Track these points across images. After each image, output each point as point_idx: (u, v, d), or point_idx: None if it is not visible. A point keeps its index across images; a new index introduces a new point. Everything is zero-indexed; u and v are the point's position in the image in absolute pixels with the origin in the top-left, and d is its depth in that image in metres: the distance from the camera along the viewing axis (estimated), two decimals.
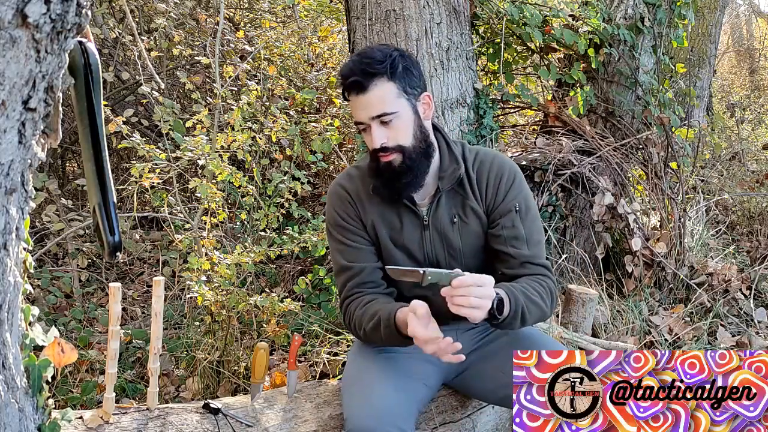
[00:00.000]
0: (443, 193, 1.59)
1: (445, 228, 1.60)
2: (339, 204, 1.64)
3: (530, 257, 1.56)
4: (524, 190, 1.61)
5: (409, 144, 1.51)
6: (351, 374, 1.61)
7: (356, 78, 1.46)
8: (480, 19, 3.13)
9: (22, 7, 0.80)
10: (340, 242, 1.63)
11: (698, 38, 5.42)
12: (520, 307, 1.43)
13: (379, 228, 1.61)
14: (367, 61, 1.47)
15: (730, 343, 2.77)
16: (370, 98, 1.47)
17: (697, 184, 4.69)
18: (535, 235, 1.58)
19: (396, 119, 1.49)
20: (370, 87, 1.47)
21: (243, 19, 4.59)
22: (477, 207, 1.59)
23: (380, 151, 1.50)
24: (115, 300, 1.48)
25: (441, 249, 1.61)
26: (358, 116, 1.50)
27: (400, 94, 1.50)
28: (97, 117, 1.10)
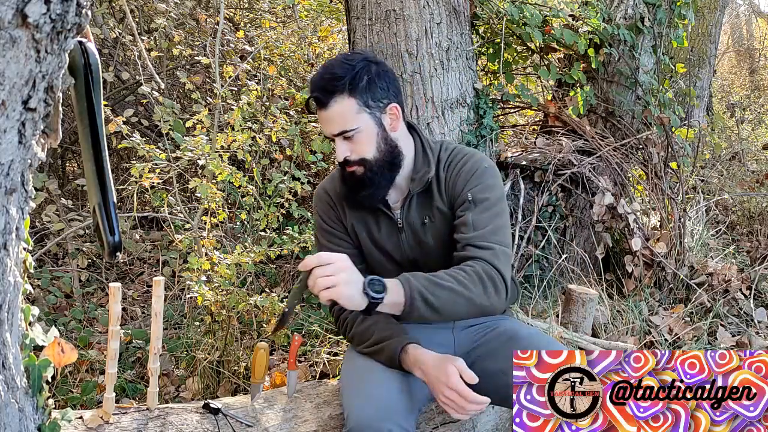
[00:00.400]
0: (414, 196, 1.61)
1: (418, 229, 1.62)
2: (322, 207, 1.68)
3: (470, 239, 1.52)
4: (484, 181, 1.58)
5: (371, 157, 1.53)
6: (350, 372, 1.62)
7: (316, 94, 1.48)
8: (480, 19, 3.13)
9: (22, 7, 0.80)
10: (325, 246, 1.67)
11: (698, 38, 5.42)
12: (416, 291, 1.39)
13: (359, 231, 1.65)
14: (327, 77, 1.48)
15: (730, 343, 2.77)
16: (330, 115, 1.49)
17: (697, 184, 4.69)
18: (483, 221, 1.54)
19: (357, 134, 1.51)
20: (330, 104, 1.48)
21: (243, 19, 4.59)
22: (443, 207, 1.61)
23: (343, 163, 1.54)
24: (115, 300, 1.48)
25: (417, 249, 1.64)
26: (323, 130, 1.53)
27: (361, 109, 1.50)
28: (97, 117, 1.10)
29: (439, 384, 1.41)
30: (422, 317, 1.43)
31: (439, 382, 1.41)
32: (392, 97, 1.55)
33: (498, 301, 1.47)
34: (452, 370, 1.40)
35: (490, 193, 1.58)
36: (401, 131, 1.61)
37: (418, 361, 1.48)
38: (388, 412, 1.41)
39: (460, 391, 1.38)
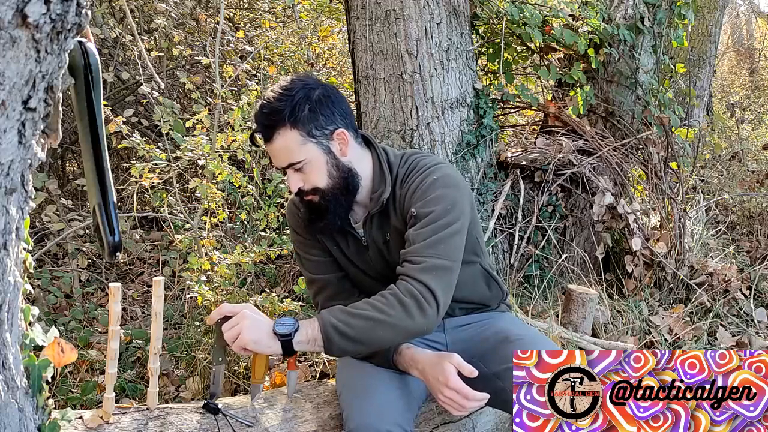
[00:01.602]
0: (374, 215, 1.58)
1: (381, 247, 1.60)
2: (295, 221, 1.67)
3: (405, 254, 1.48)
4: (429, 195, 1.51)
5: (324, 185, 1.50)
6: (347, 373, 1.61)
7: (259, 129, 1.47)
8: (480, 19, 3.13)
9: (22, 7, 0.80)
10: (303, 257, 1.67)
11: (698, 38, 5.42)
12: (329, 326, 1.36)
13: (330, 247, 1.64)
14: (266, 111, 1.45)
15: (730, 343, 2.77)
16: (275, 148, 1.47)
17: (697, 184, 4.69)
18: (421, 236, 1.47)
19: (305, 165, 1.47)
20: (274, 137, 1.45)
21: (243, 19, 4.59)
22: (398, 225, 1.56)
23: (298, 194, 1.52)
24: (115, 300, 1.48)
25: (384, 266, 1.61)
26: (275, 163, 1.51)
27: (306, 140, 1.46)
28: (97, 117, 1.10)
29: (438, 384, 1.41)
30: (344, 351, 1.39)
31: (437, 382, 1.41)
32: (339, 122, 1.50)
33: (425, 319, 1.39)
34: (450, 369, 1.40)
35: (435, 205, 1.50)
36: (353, 154, 1.54)
37: (414, 360, 1.48)
38: (387, 413, 1.41)
39: (459, 390, 1.39)
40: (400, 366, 1.51)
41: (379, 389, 1.48)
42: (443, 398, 1.41)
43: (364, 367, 1.57)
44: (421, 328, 1.39)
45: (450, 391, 1.39)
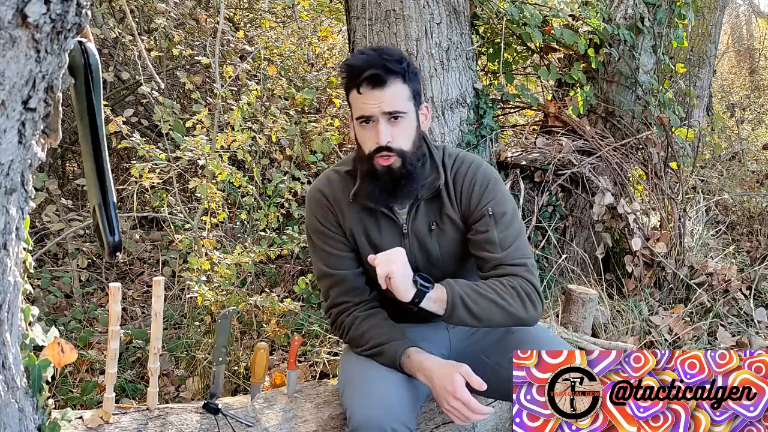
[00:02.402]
0: (422, 201, 1.58)
1: (423, 236, 1.60)
2: (318, 210, 1.62)
3: (501, 259, 1.54)
4: (498, 193, 1.59)
5: (408, 149, 1.50)
6: (350, 371, 1.61)
7: (376, 71, 1.44)
8: (480, 19, 3.13)
9: (22, 7, 0.80)
10: (320, 249, 1.63)
11: (698, 38, 5.42)
12: (458, 296, 1.45)
13: (358, 235, 1.60)
14: (387, 57, 1.46)
15: (730, 343, 2.77)
16: (386, 94, 1.45)
17: (697, 184, 4.69)
18: (509, 239, 1.56)
19: (403, 121, 1.48)
20: (389, 83, 1.45)
21: (243, 19, 4.59)
22: (453, 214, 1.59)
23: (384, 150, 1.47)
24: (115, 300, 1.48)
25: (420, 256, 1.61)
26: (368, 110, 1.46)
27: (410, 97, 1.49)
28: (97, 117, 1.10)
29: (445, 393, 1.40)
30: (461, 321, 1.47)
31: (444, 391, 1.40)
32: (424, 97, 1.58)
33: (535, 313, 1.52)
34: (459, 380, 1.39)
35: (507, 206, 1.58)
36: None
37: (422, 367, 1.47)
38: (391, 411, 1.41)
39: (466, 402, 1.38)
40: (406, 369, 1.50)
41: (383, 387, 1.47)
42: (448, 407, 1.40)
43: (367, 364, 1.56)
44: (529, 322, 1.53)
45: (456, 401, 1.38)
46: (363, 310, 1.60)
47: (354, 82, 1.47)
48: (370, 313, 1.60)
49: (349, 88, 1.50)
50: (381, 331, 1.55)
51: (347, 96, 1.54)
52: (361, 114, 1.48)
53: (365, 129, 1.49)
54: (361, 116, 1.48)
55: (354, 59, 1.49)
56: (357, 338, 1.58)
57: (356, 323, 1.58)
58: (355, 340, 1.59)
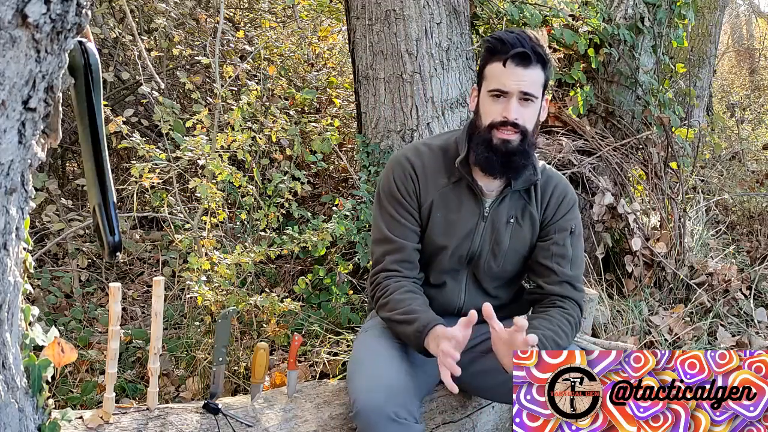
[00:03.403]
0: (510, 192, 1.62)
1: (500, 225, 1.63)
2: (401, 176, 1.63)
3: (571, 278, 1.62)
4: (579, 217, 1.68)
5: (530, 129, 1.55)
6: (360, 353, 1.63)
7: (526, 51, 1.48)
8: (480, 19, 3.13)
9: (22, 7, 0.80)
10: (389, 213, 1.63)
11: (698, 38, 5.42)
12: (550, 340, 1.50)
13: (437, 209, 1.62)
14: (536, 43, 1.51)
15: (730, 343, 2.77)
16: (529, 74, 1.50)
17: (697, 184, 4.69)
18: (579, 260, 1.65)
19: (533, 105, 1.53)
20: (533, 65, 1.50)
21: (243, 19, 4.59)
22: (535, 214, 1.64)
23: (510, 124, 1.51)
24: (115, 300, 1.48)
25: (488, 244, 1.64)
26: (507, 85, 1.50)
27: (542, 86, 1.54)
28: (97, 117, 1.10)
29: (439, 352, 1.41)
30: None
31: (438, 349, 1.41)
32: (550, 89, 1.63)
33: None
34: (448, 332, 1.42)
35: (581, 230, 1.67)
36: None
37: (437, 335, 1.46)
38: (395, 395, 1.42)
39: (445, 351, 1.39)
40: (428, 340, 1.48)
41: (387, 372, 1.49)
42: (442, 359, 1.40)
43: (376, 348, 1.58)
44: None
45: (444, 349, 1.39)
46: (410, 283, 1.61)
47: (500, 56, 1.51)
48: (415, 289, 1.61)
49: (491, 59, 1.54)
50: (419, 303, 1.56)
51: (484, 66, 1.56)
52: (498, 87, 1.52)
53: (495, 102, 1.53)
54: (498, 89, 1.52)
55: (505, 34, 1.52)
56: (395, 302, 1.57)
57: (402, 290, 1.58)
58: (392, 303, 1.57)
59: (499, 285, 1.71)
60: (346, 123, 3.86)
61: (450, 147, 1.64)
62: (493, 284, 1.70)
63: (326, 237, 2.61)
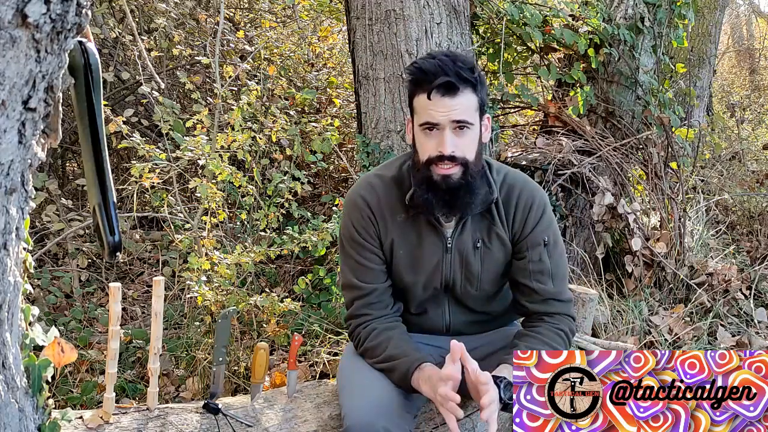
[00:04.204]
0: (470, 217, 1.53)
1: (468, 252, 1.55)
2: (358, 218, 1.55)
3: (554, 294, 1.54)
4: (553, 221, 1.57)
5: (471, 160, 1.45)
6: (349, 370, 1.60)
7: (449, 79, 1.39)
8: (480, 19, 3.13)
9: (22, 7, 0.80)
10: (353, 258, 1.56)
11: (698, 38, 5.41)
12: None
13: (399, 247, 1.55)
14: (461, 65, 1.41)
15: (730, 343, 2.77)
16: (457, 102, 1.40)
17: (697, 184, 4.69)
18: (561, 270, 1.56)
19: (469, 131, 1.43)
20: (460, 91, 1.40)
21: (243, 19, 4.59)
22: (503, 234, 1.55)
23: (446, 159, 1.42)
24: (115, 300, 1.48)
25: (459, 273, 1.57)
26: (435, 117, 1.41)
27: (477, 109, 1.45)
28: (97, 117, 1.10)
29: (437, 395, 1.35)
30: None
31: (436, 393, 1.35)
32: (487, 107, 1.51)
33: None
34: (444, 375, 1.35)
35: (558, 234, 1.57)
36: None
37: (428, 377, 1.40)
38: (384, 412, 1.40)
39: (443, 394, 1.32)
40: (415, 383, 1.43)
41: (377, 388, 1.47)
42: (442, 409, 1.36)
43: (364, 366, 1.56)
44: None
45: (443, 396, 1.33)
46: (382, 323, 1.56)
47: (424, 87, 1.42)
48: (388, 326, 1.55)
49: (416, 92, 1.45)
50: (395, 344, 1.50)
51: (411, 99, 1.48)
52: (427, 121, 1.43)
53: (428, 136, 1.44)
54: (427, 122, 1.43)
55: (427, 63, 1.42)
56: (371, 349, 1.53)
57: (372, 335, 1.54)
58: (369, 351, 1.54)
59: (483, 302, 1.64)
60: (346, 123, 3.86)
61: (403, 177, 1.54)
62: (477, 303, 1.64)
63: (326, 237, 2.61)
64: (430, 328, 1.67)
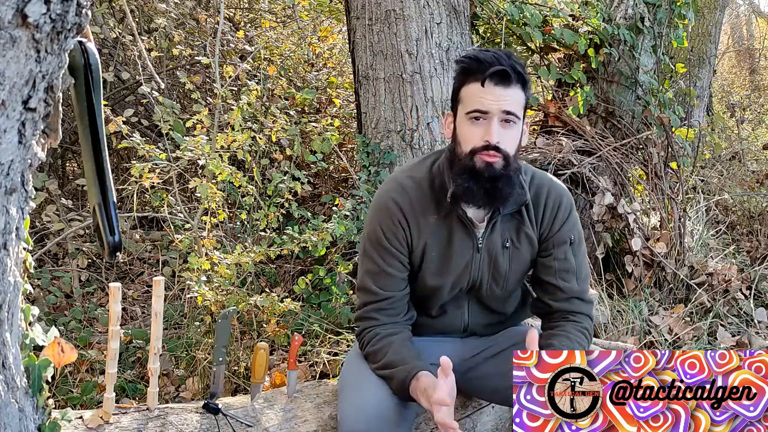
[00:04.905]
0: (500, 216, 1.53)
1: (497, 252, 1.55)
2: (388, 223, 1.51)
3: (579, 293, 1.56)
4: (578, 221, 1.59)
5: (512, 152, 1.46)
6: (349, 373, 1.60)
7: (505, 69, 1.40)
8: (480, 19, 3.13)
9: (22, 7, 0.80)
10: (375, 263, 1.53)
11: (698, 38, 5.41)
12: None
13: (431, 249, 1.53)
14: (515, 61, 1.44)
15: (730, 343, 2.77)
16: (509, 93, 1.42)
17: (697, 184, 4.69)
18: (584, 269, 1.58)
19: (514, 126, 1.45)
20: (513, 84, 1.42)
21: (243, 19, 4.59)
22: (531, 233, 1.55)
23: (492, 148, 1.42)
24: (115, 300, 1.48)
25: (487, 272, 1.57)
26: (486, 105, 1.41)
27: (523, 107, 1.47)
28: (97, 117, 1.10)
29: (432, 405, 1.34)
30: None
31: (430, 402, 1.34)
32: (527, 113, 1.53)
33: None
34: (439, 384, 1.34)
35: (581, 235, 1.59)
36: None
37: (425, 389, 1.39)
38: (380, 419, 1.40)
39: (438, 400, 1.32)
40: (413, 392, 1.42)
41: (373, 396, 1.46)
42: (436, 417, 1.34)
43: (362, 372, 1.55)
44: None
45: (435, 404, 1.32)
46: (386, 329, 1.54)
47: (478, 76, 1.42)
48: (391, 332, 1.53)
49: (467, 80, 1.45)
50: (395, 350, 1.49)
51: (459, 88, 1.48)
52: (477, 108, 1.42)
53: (474, 125, 1.44)
54: (477, 110, 1.42)
55: (481, 53, 1.44)
56: (372, 354, 1.52)
57: (374, 339, 1.53)
58: (370, 356, 1.54)
59: (503, 302, 1.66)
60: (346, 123, 3.85)
61: (435, 177, 1.53)
62: (498, 303, 1.65)
63: (326, 237, 2.61)
64: (447, 330, 1.67)
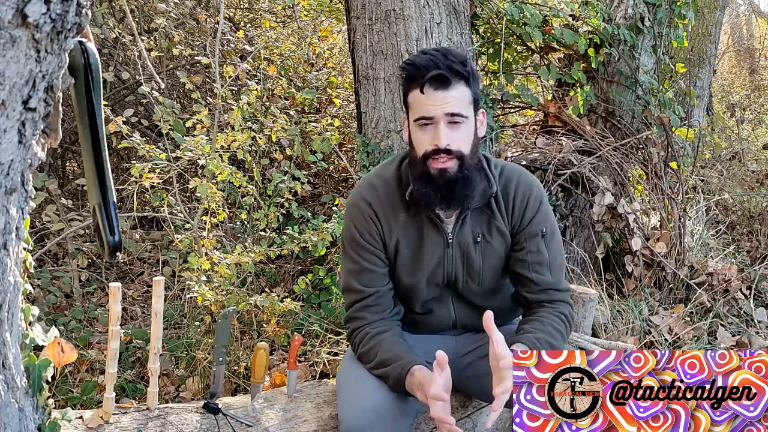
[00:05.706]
0: (469, 211, 1.54)
1: (468, 247, 1.56)
2: (360, 220, 1.55)
3: (553, 284, 1.56)
4: (550, 212, 1.59)
5: (467, 153, 1.46)
6: (347, 373, 1.60)
7: (442, 72, 1.41)
8: (480, 19, 3.13)
9: (22, 7, 0.80)
10: (355, 262, 1.56)
11: (698, 38, 5.41)
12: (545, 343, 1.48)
13: (403, 247, 1.55)
14: (452, 59, 1.43)
15: (730, 343, 2.77)
16: (450, 95, 1.42)
17: (697, 184, 4.69)
18: (558, 259, 1.58)
19: (464, 125, 1.45)
20: (453, 85, 1.42)
21: (243, 19, 4.59)
22: (503, 227, 1.56)
23: (442, 152, 1.43)
24: (115, 300, 1.48)
25: (461, 268, 1.58)
26: (430, 110, 1.42)
27: (471, 102, 1.47)
28: (97, 117, 1.10)
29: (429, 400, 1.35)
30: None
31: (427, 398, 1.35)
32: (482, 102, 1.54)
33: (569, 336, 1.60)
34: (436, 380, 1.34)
35: (555, 225, 1.59)
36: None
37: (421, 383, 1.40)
38: (380, 417, 1.40)
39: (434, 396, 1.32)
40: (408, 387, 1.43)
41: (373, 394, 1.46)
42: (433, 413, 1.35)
43: (361, 370, 1.55)
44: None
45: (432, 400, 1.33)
46: (375, 327, 1.55)
47: (417, 82, 1.43)
48: (381, 329, 1.55)
49: (410, 87, 1.46)
50: (386, 347, 1.50)
51: (405, 96, 1.49)
52: (421, 115, 1.44)
53: (423, 130, 1.45)
54: (422, 117, 1.44)
55: (418, 58, 1.45)
56: (365, 354, 1.54)
57: (365, 339, 1.54)
58: (363, 357, 1.55)
59: (486, 297, 1.65)
60: (346, 123, 3.85)
61: (402, 176, 1.55)
62: (480, 298, 1.64)
63: (326, 237, 2.61)
64: (438, 327, 1.68)
